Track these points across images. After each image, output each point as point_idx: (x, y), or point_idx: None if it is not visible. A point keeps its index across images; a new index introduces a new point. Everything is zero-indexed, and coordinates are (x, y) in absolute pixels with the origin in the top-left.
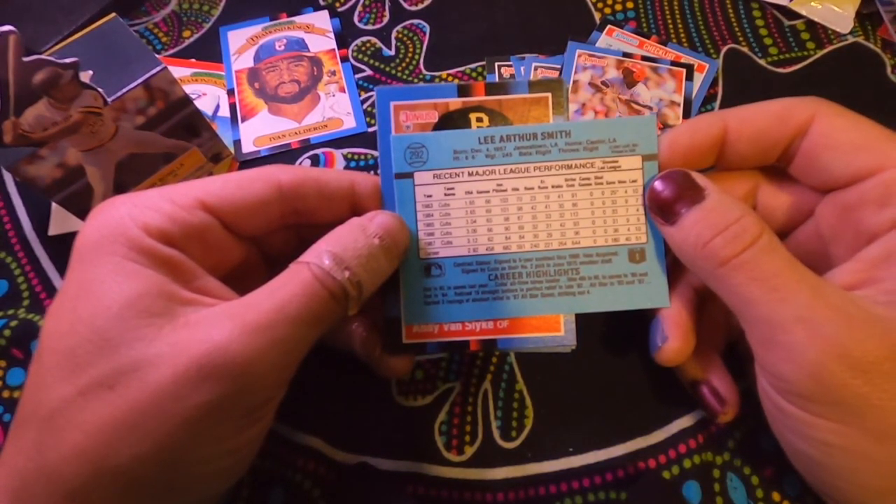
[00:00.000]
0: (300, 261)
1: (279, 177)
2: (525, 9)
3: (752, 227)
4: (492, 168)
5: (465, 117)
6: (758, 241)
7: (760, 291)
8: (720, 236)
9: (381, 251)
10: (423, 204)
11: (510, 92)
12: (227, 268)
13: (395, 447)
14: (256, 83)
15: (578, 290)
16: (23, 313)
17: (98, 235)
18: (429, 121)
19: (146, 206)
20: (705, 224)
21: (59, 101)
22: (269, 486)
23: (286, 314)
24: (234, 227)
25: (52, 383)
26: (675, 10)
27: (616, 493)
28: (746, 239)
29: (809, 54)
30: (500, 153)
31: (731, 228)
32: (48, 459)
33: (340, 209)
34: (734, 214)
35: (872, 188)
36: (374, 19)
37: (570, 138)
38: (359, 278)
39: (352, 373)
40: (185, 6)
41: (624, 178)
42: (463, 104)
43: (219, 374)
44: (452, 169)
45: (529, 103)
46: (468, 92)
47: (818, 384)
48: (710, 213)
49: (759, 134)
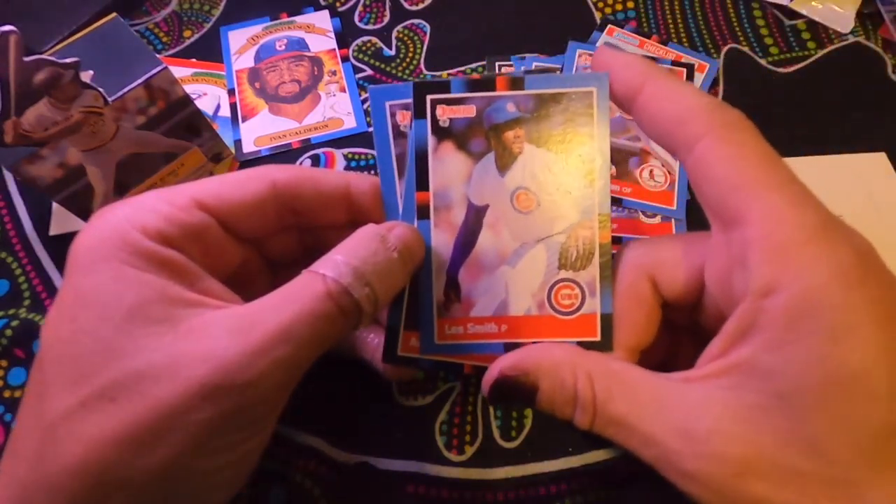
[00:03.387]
0: (314, 270)
1: (274, 175)
2: (525, 9)
3: (585, 393)
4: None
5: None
6: (595, 401)
7: (625, 440)
8: (576, 413)
9: (400, 265)
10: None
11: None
12: (227, 271)
13: (395, 447)
14: (257, 83)
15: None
16: (24, 313)
17: (96, 241)
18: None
19: (143, 209)
20: (559, 404)
21: (60, 101)
22: (270, 485)
23: (292, 335)
24: (232, 226)
25: (54, 393)
26: (675, 10)
27: (616, 493)
28: (588, 407)
29: (810, 54)
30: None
31: (577, 403)
32: (49, 471)
33: (337, 210)
34: (569, 386)
35: (735, 243)
36: (374, 19)
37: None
38: (377, 294)
39: (352, 373)
40: (186, 6)
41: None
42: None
43: (220, 395)
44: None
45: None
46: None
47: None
48: (553, 395)
49: (655, 118)
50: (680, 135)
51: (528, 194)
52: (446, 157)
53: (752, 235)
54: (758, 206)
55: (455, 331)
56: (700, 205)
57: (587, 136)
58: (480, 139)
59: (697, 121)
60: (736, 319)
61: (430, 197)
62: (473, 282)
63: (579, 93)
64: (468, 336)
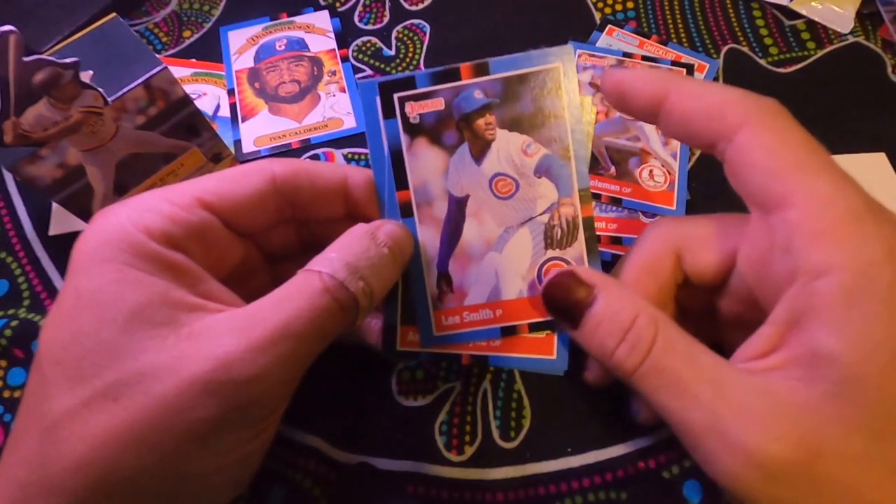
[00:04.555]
0: (310, 269)
1: (273, 168)
2: (525, 9)
3: (646, 332)
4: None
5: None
6: (654, 345)
7: (668, 400)
8: (620, 347)
9: (391, 260)
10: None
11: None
12: (228, 268)
13: (395, 447)
14: (257, 83)
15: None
16: (23, 313)
17: (98, 242)
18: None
19: (146, 209)
20: (605, 331)
21: (60, 101)
22: (270, 485)
23: (293, 330)
24: (234, 223)
25: (55, 394)
26: (675, 10)
27: (616, 493)
28: (643, 347)
29: (810, 54)
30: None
31: (628, 337)
32: (50, 471)
33: (334, 202)
34: (628, 316)
35: (779, 229)
36: (374, 19)
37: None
38: (372, 288)
39: (352, 372)
40: (186, 6)
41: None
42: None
43: (223, 391)
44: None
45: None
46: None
47: (739, 495)
48: (605, 317)
49: (688, 119)
50: (716, 128)
51: (506, 179)
52: (421, 153)
53: (799, 219)
54: (802, 189)
55: (452, 321)
56: (738, 194)
57: (559, 113)
58: (452, 131)
59: (734, 112)
60: (787, 304)
61: (410, 195)
62: (464, 271)
63: (546, 70)
64: (465, 325)
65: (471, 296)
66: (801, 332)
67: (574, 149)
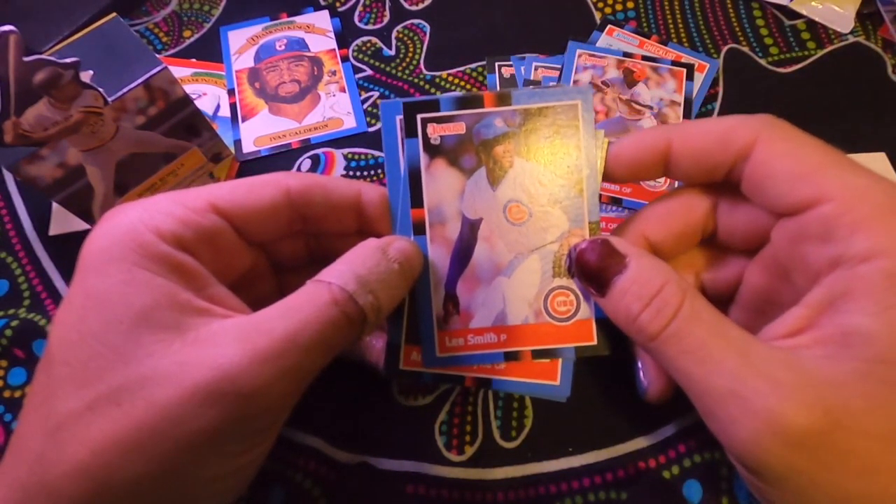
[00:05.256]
0: (319, 280)
1: (288, 182)
2: (525, 9)
3: (673, 298)
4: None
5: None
6: (680, 310)
7: (690, 365)
8: (646, 311)
9: (400, 276)
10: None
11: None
12: (236, 274)
13: (395, 447)
14: (257, 83)
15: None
16: (23, 313)
17: (108, 241)
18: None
19: (157, 211)
20: (632, 296)
21: (60, 101)
22: (270, 485)
23: (299, 342)
24: (245, 231)
25: (61, 395)
26: (675, 10)
27: (616, 493)
28: (668, 312)
29: (810, 54)
30: None
31: (654, 302)
32: (51, 474)
33: (347, 218)
34: (656, 283)
35: (813, 222)
36: (374, 19)
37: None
38: (380, 303)
39: (352, 373)
40: (186, 6)
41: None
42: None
43: (225, 401)
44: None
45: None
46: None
47: (756, 461)
48: (634, 283)
49: (700, 154)
50: (731, 151)
51: (520, 206)
52: (439, 173)
53: (837, 211)
54: (834, 185)
55: (456, 343)
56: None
57: (574, 148)
58: (471, 155)
59: (741, 133)
60: (824, 289)
61: (425, 213)
62: (471, 294)
63: (564, 106)
64: (469, 347)
65: (476, 319)
66: (835, 314)
67: (586, 182)
